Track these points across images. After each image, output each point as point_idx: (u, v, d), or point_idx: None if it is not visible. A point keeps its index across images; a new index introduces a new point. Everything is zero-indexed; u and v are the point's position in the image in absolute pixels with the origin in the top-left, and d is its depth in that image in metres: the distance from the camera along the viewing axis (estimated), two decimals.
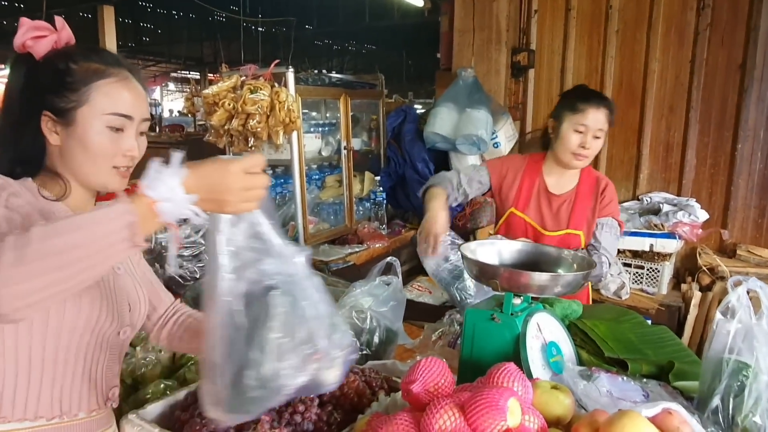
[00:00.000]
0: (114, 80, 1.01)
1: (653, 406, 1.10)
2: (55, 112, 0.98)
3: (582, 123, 1.89)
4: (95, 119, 0.99)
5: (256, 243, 0.88)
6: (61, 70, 0.98)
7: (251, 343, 0.85)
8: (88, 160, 1.01)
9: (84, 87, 0.98)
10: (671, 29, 3.15)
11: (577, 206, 2.00)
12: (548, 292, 1.26)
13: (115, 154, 1.01)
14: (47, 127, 0.99)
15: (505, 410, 0.91)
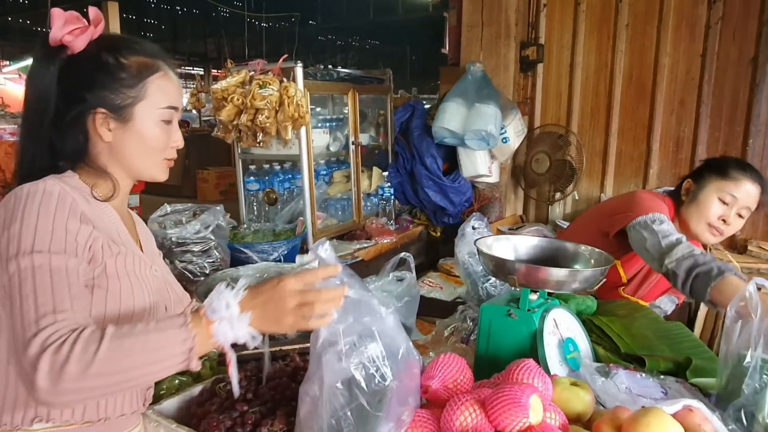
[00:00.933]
0: (163, 73, 1.02)
1: (674, 403, 1.09)
2: (111, 108, 0.98)
3: (731, 193, 1.64)
4: (153, 114, 1.00)
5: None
6: (111, 65, 0.97)
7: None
8: (144, 154, 1.02)
9: (140, 82, 0.99)
10: (682, 23, 3.12)
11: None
12: (566, 288, 1.26)
13: (167, 146, 1.05)
14: (99, 124, 0.98)
15: (527, 407, 0.90)
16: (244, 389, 1.20)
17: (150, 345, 0.79)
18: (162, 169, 1.07)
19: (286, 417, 1.08)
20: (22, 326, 0.78)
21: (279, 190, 3.07)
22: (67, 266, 0.85)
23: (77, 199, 0.93)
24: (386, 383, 0.82)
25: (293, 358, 1.33)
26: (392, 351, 0.85)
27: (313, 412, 0.85)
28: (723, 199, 1.66)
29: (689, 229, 1.73)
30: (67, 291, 0.83)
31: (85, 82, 0.97)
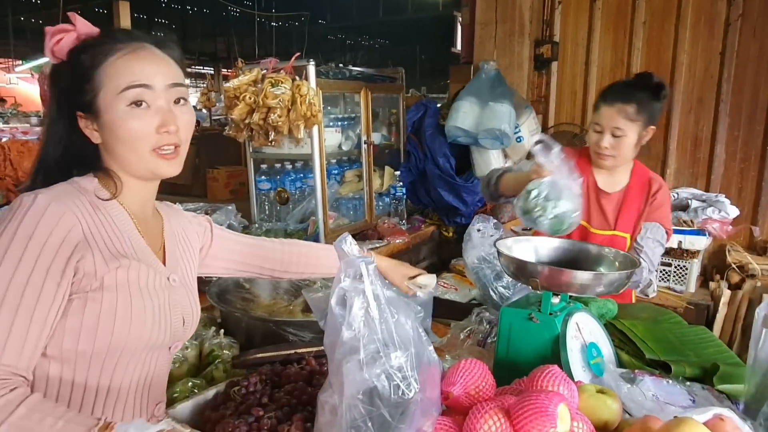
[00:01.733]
0: (121, 54, 0.93)
1: (704, 411, 1.05)
2: (82, 108, 0.95)
3: (596, 122, 1.81)
4: (114, 101, 0.92)
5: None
6: (75, 65, 0.94)
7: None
8: (126, 148, 0.95)
9: (95, 72, 0.92)
10: (701, 20, 3.07)
11: (625, 207, 1.89)
12: (590, 292, 1.22)
13: (149, 134, 0.93)
14: (86, 128, 0.96)
15: (555, 416, 0.87)
16: (259, 393, 1.17)
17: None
18: (155, 162, 0.96)
19: (303, 423, 1.05)
20: None
21: (290, 189, 3.05)
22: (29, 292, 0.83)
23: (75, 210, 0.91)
24: (410, 395, 0.78)
25: (309, 362, 1.30)
26: (417, 360, 0.81)
27: (332, 421, 0.81)
28: (594, 129, 1.84)
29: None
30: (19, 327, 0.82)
31: (61, 88, 0.96)
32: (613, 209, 1.91)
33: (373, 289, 0.77)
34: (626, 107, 1.75)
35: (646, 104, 1.77)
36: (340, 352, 0.79)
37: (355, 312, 0.77)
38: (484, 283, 1.74)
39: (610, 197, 1.92)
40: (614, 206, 1.92)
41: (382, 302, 0.78)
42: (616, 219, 1.90)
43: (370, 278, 0.77)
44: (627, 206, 1.90)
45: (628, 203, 1.90)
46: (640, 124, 1.78)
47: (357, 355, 0.77)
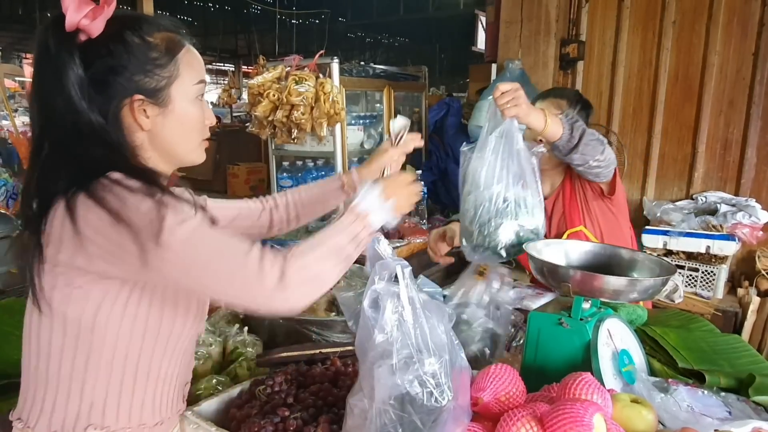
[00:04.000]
0: (188, 47, 0.95)
1: (743, 424, 1.02)
2: (147, 93, 0.89)
3: None
4: (188, 92, 0.94)
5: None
6: (139, 45, 0.88)
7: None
8: (184, 136, 0.96)
9: (171, 60, 0.91)
10: (733, 20, 2.98)
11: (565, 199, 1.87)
12: (623, 298, 1.19)
13: (203, 124, 0.99)
14: (137, 112, 0.90)
15: (591, 426, 0.84)
16: (285, 393, 1.17)
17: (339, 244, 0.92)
18: (201, 151, 1.02)
19: (329, 425, 1.04)
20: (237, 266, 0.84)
21: None
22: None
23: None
24: (444, 403, 0.76)
25: (334, 362, 1.29)
26: (450, 366, 0.80)
27: (361, 425, 0.80)
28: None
29: None
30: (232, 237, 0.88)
31: (115, 69, 0.87)
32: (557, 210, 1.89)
33: (408, 293, 0.75)
34: (559, 100, 1.86)
35: (576, 103, 1.86)
36: (371, 355, 0.77)
37: (388, 315, 0.76)
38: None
39: (548, 201, 1.90)
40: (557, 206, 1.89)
41: (417, 306, 0.76)
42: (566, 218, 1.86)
43: (406, 281, 0.75)
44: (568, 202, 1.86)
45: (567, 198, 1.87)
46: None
47: (389, 360, 0.75)
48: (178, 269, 0.83)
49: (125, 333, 0.91)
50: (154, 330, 0.94)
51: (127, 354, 0.93)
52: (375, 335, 0.78)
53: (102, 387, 0.92)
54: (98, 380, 0.92)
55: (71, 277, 0.86)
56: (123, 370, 0.93)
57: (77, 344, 0.91)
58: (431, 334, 0.78)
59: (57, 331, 0.91)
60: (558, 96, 1.90)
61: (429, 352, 0.76)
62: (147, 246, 0.79)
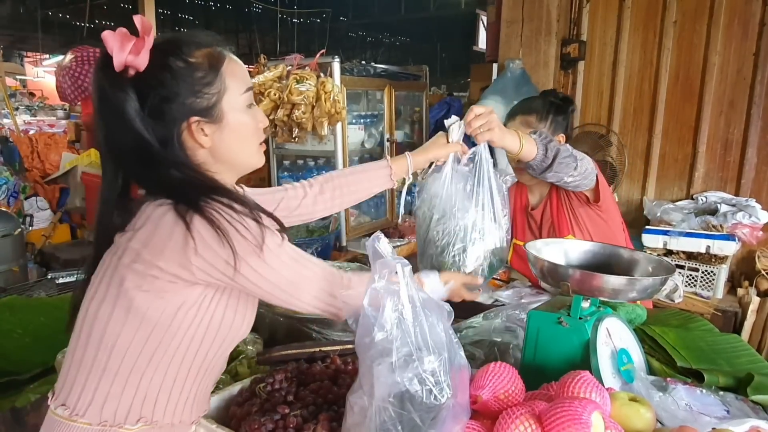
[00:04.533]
0: (229, 58, 0.97)
1: (741, 423, 1.02)
2: (201, 113, 0.93)
3: None
4: (238, 102, 0.97)
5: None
6: (184, 69, 0.91)
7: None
8: (242, 145, 0.99)
9: (217, 76, 0.94)
10: (734, 21, 2.99)
11: (554, 213, 1.86)
12: (622, 297, 1.19)
13: (258, 129, 1.02)
14: (195, 133, 0.93)
15: (589, 424, 0.85)
16: (285, 391, 1.17)
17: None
18: (260, 155, 1.05)
19: (329, 422, 1.05)
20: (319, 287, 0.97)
21: None
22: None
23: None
24: (443, 400, 0.77)
25: (334, 360, 1.30)
26: (450, 364, 0.80)
27: (361, 423, 0.81)
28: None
29: None
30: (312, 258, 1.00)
31: (169, 97, 0.90)
32: (546, 220, 1.88)
33: (408, 291, 0.75)
34: (527, 117, 1.80)
35: (547, 114, 1.80)
36: (371, 353, 0.78)
37: (388, 313, 0.76)
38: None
39: (537, 212, 1.92)
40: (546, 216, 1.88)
41: (417, 305, 0.76)
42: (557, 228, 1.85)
43: (406, 280, 0.76)
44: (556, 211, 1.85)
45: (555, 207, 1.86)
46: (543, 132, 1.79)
47: (389, 358, 0.76)
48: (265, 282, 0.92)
49: (196, 332, 0.95)
50: (221, 329, 0.98)
51: (188, 351, 0.96)
52: (375, 333, 0.79)
53: (158, 381, 0.96)
54: (156, 374, 0.95)
55: (162, 283, 0.90)
56: (180, 366, 0.97)
57: (148, 340, 0.94)
58: (431, 333, 0.78)
59: (130, 327, 0.93)
60: (525, 112, 1.83)
61: (428, 350, 0.77)
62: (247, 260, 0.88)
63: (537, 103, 1.83)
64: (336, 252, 2.78)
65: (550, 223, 1.89)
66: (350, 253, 2.82)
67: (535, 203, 1.96)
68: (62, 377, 0.99)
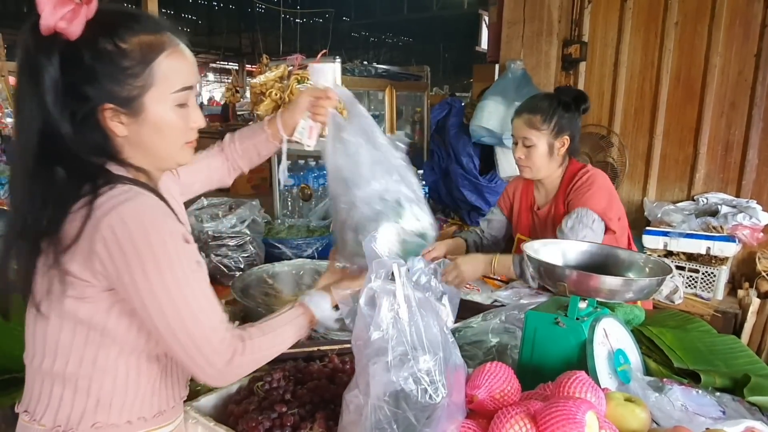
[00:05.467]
0: (170, 51, 0.89)
1: (736, 424, 1.03)
2: (118, 102, 0.86)
3: (512, 134, 1.92)
4: (165, 100, 0.89)
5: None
6: (111, 53, 0.84)
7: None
8: (164, 142, 0.93)
9: (146, 69, 0.86)
10: (735, 22, 2.98)
11: (558, 214, 1.89)
12: (619, 297, 1.19)
13: (186, 129, 0.95)
14: (110, 119, 0.88)
15: (583, 424, 0.85)
16: (282, 389, 1.18)
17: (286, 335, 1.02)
18: (184, 154, 0.98)
19: (325, 420, 1.05)
20: (197, 348, 0.89)
21: (314, 186, 3.06)
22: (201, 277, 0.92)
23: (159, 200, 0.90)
24: (438, 399, 0.77)
25: (332, 359, 1.30)
26: (445, 364, 0.81)
27: (356, 421, 0.81)
28: (513, 142, 1.93)
29: None
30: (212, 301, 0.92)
31: (87, 76, 0.84)
32: (550, 221, 1.92)
33: (404, 291, 0.76)
34: (531, 117, 1.84)
35: (552, 115, 1.83)
36: (367, 352, 0.78)
37: (384, 313, 0.77)
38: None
39: (543, 211, 1.96)
40: (551, 217, 1.92)
41: (412, 305, 0.77)
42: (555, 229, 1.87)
43: (402, 280, 0.76)
44: (559, 213, 1.89)
45: (558, 209, 1.90)
46: (547, 133, 1.83)
47: (384, 357, 0.77)
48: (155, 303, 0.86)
49: (134, 330, 0.93)
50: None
51: (132, 351, 0.94)
52: (371, 332, 0.79)
53: (109, 385, 0.93)
54: (105, 378, 0.93)
55: (82, 287, 0.87)
56: (128, 366, 0.94)
57: (86, 343, 0.92)
58: (426, 332, 0.79)
59: (66, 331, 0.91)
60: (530, 111, 1.84)
61: (424, 349, 0.77)
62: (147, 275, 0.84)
63: (543, 103, 1.85)
64: None
65: (553, 225, 1.91)
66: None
67: (541, 202, 1.99)
68: (26, 383, 0.98)
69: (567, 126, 1.85)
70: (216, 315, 0.92)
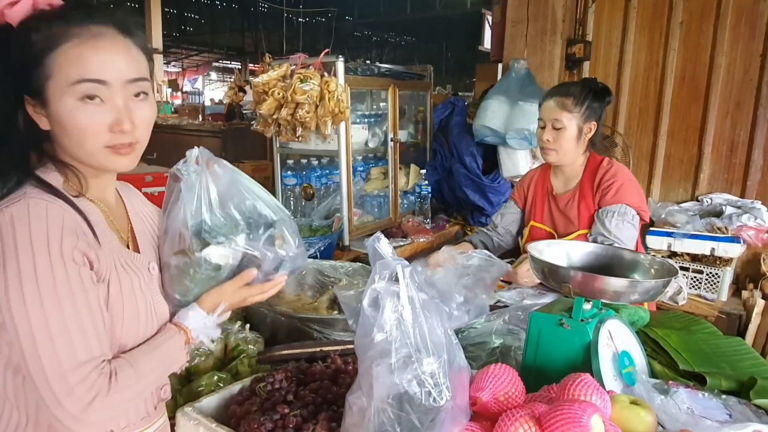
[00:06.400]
0: (77, 42, 0.84)
1: (742, 427, 1.02)
2: (30, 93, 0.85)
3: (540, 118, 1.92)
4: (63, 93, 0.84)
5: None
6: (26, 42, 0.83)
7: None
8: (73, 142, 0.87)
9: (45, 58, 0.83)
10: (741, 21, 2.97)
11: (582, 203, 1.91)
12: (624, 299, 1.18)
13: (101, 131, 0.86)
14: (34, 113, 0.87)
15: (588, 427, 0.84)
16: (285, 390, 1.17)
17: (157, 360, 0.94)
18: (109, 159, 0.89)
19: (328, 422, 1.04)
20: (47, 382, 0.80)
21: (316, 185, 3.05)
22: (79, 303, 0.82)
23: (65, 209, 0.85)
24: (442, 402, 0.77)
25: (334, 360, 1.29)
26: (449, 366, 0.80)
27: (359, 423, 0.80)
28: (539, 125, 1.92)
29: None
30: (85, 333, 0.82)
31: (9, 64, 0.84)
32: (571, 209, 1.93)
33: (408, 293, 0.75)
34: (564, 99, 1.86)
35: (584, 99, 1.86)
36: (370, 354, 0.78)
37: (387, 314, 0.76)
38: None
39: (563, 198, 1.96)
40: (571, 205, 1.93)
41: (416, 306, 0.76)
42: (578, 218, 1.91)
43: (406, 281, 0.76)
44: (584, 201, 1.90)
45: (583, 197, 1.91)
46: (578, 116, 1.87)
47: (388, 359, 0.76)
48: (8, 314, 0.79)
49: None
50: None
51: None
52: (374, 334, 0.79)
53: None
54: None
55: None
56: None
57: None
58: (430, 334, 0.78)
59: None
60: (563, 95, 1.89)
61: (428, 351, 0.76)
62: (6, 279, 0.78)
63: (575, 88, 1.89)
64: (339, 251, 2.78)
65: (575, 213, 1.92)
66: (353, 252, 2.82)
67: (560, 189, 2.00)
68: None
69: (594, 113, 1.89)
70: (84, 351, 0.81)
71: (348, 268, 2.01)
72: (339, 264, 2.06)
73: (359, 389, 0.81)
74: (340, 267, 2.02)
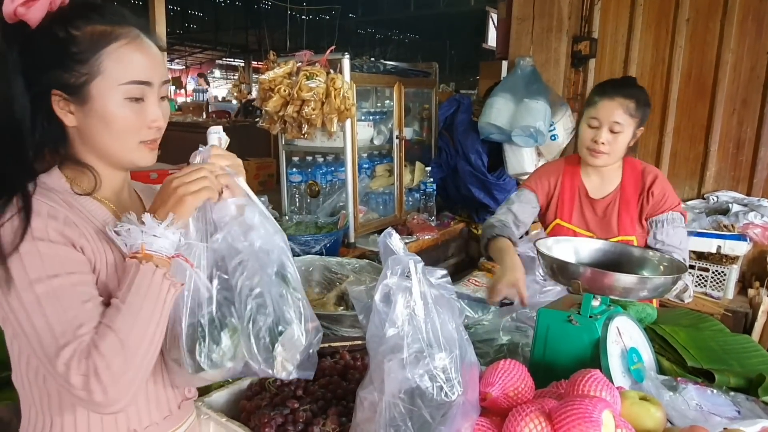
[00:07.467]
0: (124, 42, 0.87)
1: (752, 424, 1.02)
2: (65, 89, 0.86)
3: (593, 116, 1.75)
4: (112, 91, 0.87)
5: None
6: (62, 39, 0.85)
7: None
8: (112, 137, 0.90)
9: (93, 56, 0.85)
10: (748, 18, 2.95)
11: (623, 208, 1.81)
12: (633, 296, 1.19)
13: (141, 127, 0.91)
14: (59, 108, 0.88)
15: (599, 423, 0.85)
16: (294, 385, 1.18)
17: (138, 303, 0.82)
18: (140, 154, 0.93)
19: (338, 417, 1.05)
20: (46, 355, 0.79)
21: (321, 182, 3.05)
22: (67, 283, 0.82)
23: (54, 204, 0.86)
24: (453, 397, 0.77)
25: (343, 356, 1.30)
26: (461, 361, 0.80)
27: (371, 418, 0.81)
28: (590, 124, 1.77)
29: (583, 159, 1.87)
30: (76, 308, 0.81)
31: (39, 62, 0.86)
32: (612, 214, 1.83)
33: (420, 288, 0.75)
34: (627, 102, 1.73)
35: (642, 103, 1.76)
36: (382, 349, 0.78)
37: (399, 310, 0.76)
38: None
39: (602, 202, 1.85)
40: (612, 210, 1.83)
41: (429, 302, 0.76)
42: (618, 223, 1.81)
43: (418, 276, 0.76)
44: (625, 207, 1.81)
45: (625, 203, 1.81)
46: (637, 121, 1.75)
47: (400, 354, 0.76)
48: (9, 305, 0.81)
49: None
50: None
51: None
52: (386, 329, 0.79)
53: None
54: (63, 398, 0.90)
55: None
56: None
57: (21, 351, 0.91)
58: (442, 329, 0.78)
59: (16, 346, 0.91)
60: (627, 96, 1.73)
61: (440, 346, 0.77)
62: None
63: (641, 93, 1.78)
64: (344, 248, 2.78)
65: (615, 219, 1.82)
66: (359, 249, 2.82)
67: (596, 191, 1.87)
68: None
69: (646, 118, 1.80)
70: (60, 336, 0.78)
71: (355, 265, 2.02)
72: (346, 261, 2.07)
73: (371, 384, 0.81)
74: (347, 264, 2.03)
